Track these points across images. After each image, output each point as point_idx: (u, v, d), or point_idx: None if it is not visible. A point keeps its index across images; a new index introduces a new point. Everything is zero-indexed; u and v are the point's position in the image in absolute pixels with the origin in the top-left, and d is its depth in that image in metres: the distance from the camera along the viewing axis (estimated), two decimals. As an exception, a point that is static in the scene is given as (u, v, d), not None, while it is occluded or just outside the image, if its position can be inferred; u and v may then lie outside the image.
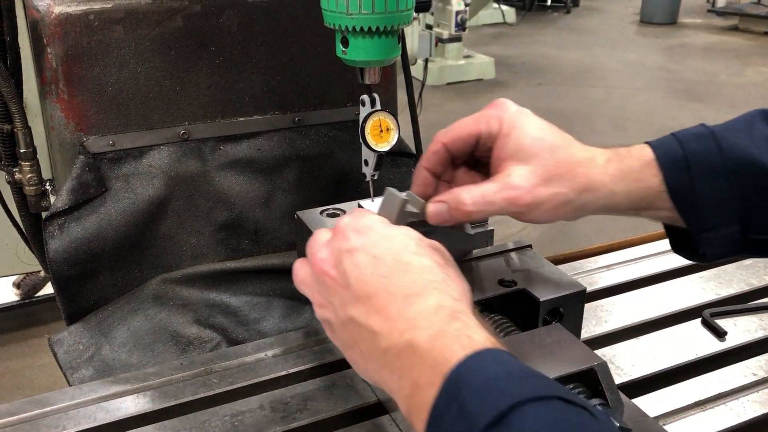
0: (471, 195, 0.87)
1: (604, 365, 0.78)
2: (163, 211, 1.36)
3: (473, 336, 0.65)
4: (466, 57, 8.17)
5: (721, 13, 11.68)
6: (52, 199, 1.41)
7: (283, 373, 1.04)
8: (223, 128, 1.39)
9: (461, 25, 7.61)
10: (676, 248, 0.95)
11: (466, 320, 0.67)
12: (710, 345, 1.12)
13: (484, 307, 0.93)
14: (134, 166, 1.32)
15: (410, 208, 0.91)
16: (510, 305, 0.94)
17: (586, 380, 0.78)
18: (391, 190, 0.91)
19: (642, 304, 1.23)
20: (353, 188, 1.52)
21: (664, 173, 0.86)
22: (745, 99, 7.46)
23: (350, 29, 0.90)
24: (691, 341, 1.13)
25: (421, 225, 0.93)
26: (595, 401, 0.75)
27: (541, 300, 0.91)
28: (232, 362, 1.07)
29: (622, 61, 9.13)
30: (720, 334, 1.14)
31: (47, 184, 1.43)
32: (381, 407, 0.97)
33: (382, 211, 0.92)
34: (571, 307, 0.94)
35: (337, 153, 1.49)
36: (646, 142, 0.89)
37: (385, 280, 0.71)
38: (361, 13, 0.89)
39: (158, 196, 1.34)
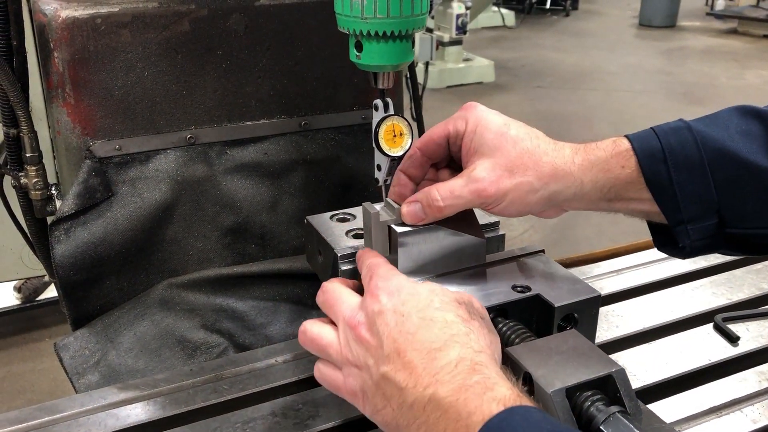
0: (440, 191, 0.92)
1: (622, 372, 0.78)
2: (170, 215, 1.35)
3: (496, 389, 0.68)
4: (466, 60, 8.17)
5: (720, 16, 11.71)
6: (58, 203, 1.40)
7: (294, 379, 1.04)
8: (229, 132, 1.38)
9: (462, 28, 7.60)
10: (660, 245, 0.97)
11: (487, 372, 0.70)
12: (723, 350, 1.11)
13: (498, 313, 0.92)
14: (141, 170, 1.32)
15: (384, 217, 0.97)
16: (524, 311, 0.93)
17: (603, 387, 0.77)
18: (366, 204, 0.98)
19: (653, 309, 1.22)
20: (360, 192, 1.51)
21: (641, 165, 0.88)
22: (744, 102, 7.40)
23: (364, 33, 0.90)
24: (704, 346, 1.12)
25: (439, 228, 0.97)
26: (613, 408, 0.74)
27: (555, 306, 0.90)
28: (243, 368, 1.06)
29: (621, 64, 9.14)
30: (733, 339, 1.13)
31: (53, 188, 1.41)
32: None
33: (364, 224, 0.99)
34: (585, 312, 0.93)
35: (344, 157, 1.49)
36: (625, 135, 0.91)
37: (411, 337, 0.74)
38: (376, 17, 0.88)
39: (165, 201, 1.33)
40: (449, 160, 1.00)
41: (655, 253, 1.43)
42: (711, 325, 1.18)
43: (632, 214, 0.94)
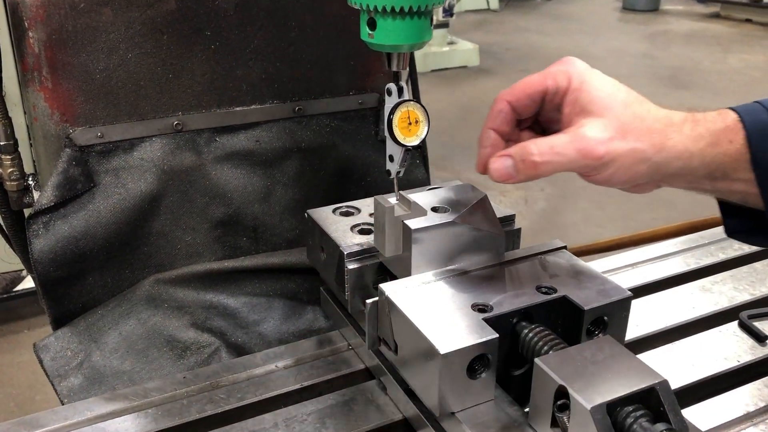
0: (538, 146, 0.81)
1: (665, 384, 0.71)
2: (156, 207, 1.30)
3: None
4: (450, 44, 8.10)
5: (703, 0, 11.71)
6: (36, 195, 1.35)
7: (297, 386, 0.97)
8: (219, 118, 1.33)
9: (449, 11, 7.53)
10: (731, 232, 0.90)
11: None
12: (752, 350, 1.06)
13: (523, 317, 0.84)
14: (124, 159, 1.27)
15: (399, 212, 0.92)
16: (549, 314, 0.86)
17: (646, 400, 0.70)
18: (378, 197, 0.92)
19: (673, 306, 1.17)
20: (357, 182, 1.46)
21: (750, 140, 0.79)
22: (728, 86, 7.48)
23: (379, 9, 0.81)
24: (731, 346, 1.06)
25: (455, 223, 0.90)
26: (660, 427, 0.67)
27: (585, 309, 0.83)
28: (240, 375, 1.00)
29: (605, 48, 9.11)
30: (761, 338, 1.07)
31: (30, 179, 1.36)
32: (407, 425, 0.89)
33: (376, 218, 0.93)
34: (616, 315, 0.86)
35: (340, 144, 1.43)
36: (730, 108, 0.83)
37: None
38: (392, -8, 0.80)
39: (150, 192, 1.28)
40: (533, 120, 0.92)
41: (666, 246, 1.38)
42: (736, 323, 1.12)
43: (728, 195, 0.86)
